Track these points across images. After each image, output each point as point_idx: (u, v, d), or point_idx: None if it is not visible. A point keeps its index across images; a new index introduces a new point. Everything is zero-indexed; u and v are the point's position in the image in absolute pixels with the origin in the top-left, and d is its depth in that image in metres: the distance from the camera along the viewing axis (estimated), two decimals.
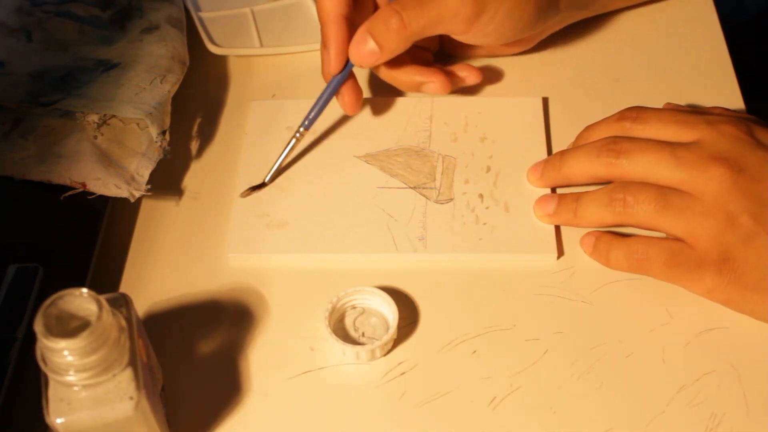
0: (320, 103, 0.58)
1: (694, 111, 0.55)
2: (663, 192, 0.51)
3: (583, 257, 0.55)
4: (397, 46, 0.56)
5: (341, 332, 0.52)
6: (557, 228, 0.56)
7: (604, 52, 0.66)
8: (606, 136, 0.55)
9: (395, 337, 0.51)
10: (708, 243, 0.50)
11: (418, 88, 0.61)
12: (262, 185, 0.58)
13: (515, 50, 0.65)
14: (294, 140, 0.58)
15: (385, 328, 0.51)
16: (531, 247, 0.55)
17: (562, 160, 0.56)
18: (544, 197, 0.56)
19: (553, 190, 0.57)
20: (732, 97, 0.62)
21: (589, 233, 0.55)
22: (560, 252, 0.55)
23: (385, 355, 0.51)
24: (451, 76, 0.61)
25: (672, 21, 0.67)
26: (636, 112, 0.55)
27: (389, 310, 0.51)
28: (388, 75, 0.61)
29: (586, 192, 0.54)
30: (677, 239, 0.51)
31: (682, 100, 0.62)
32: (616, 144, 0.53)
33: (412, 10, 0.55)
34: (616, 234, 0.54)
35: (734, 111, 0.56)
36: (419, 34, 0.56)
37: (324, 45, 0.58)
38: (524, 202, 0.56)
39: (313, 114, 0.58)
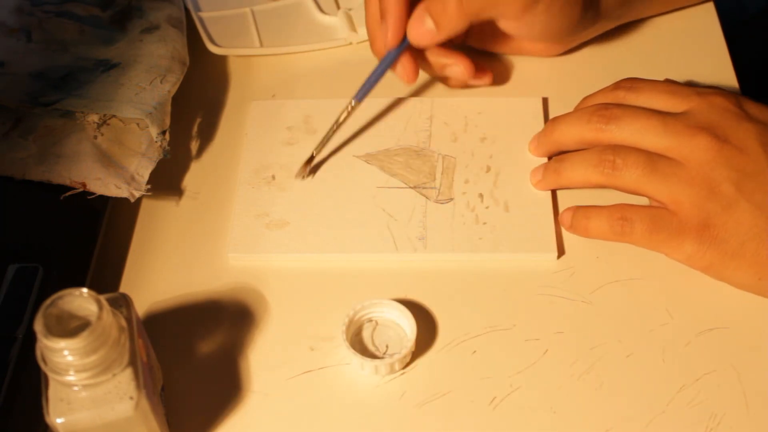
0: (375, 75, 0.58)
1: (688, 84, 0.57)
2: (651, 157, 0.52)
3: (584, 257, 0.55)
4: (455, 26, 0.56)
5: (358, 346, 0.51)
6: (558, 228, 0.56)
7: (604, 52, 0.66)
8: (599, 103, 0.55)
9: (413, 349, 0.50)
10: (690, 210, 0.51)
11: (442, 70, 0.60)
12: (311, 159, 0.58)
13: (546, 52, 0.64)
14: (346, 113, 0.58)
15: (404, 341, 0.50)
16: (531, 246, 0.55)
17: (554, 125, 0.57)
18: (537, 167, 0.57)
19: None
20: None
21: (566, 209, 0.55)
22: (560, 252, 0.55)
23: (403, 368, 0.50)
24: (472, 65, 0.61)
25: (672, 21, 0.67)
26: (630, 82, 0.56)
27: (407, 324, 0.50)
28: (415, 54, 0.60)
29: (573, 152, 0.55)
30: (659, 206, 0.52)
31: None
32: (607, 110, 0.54)
33: None
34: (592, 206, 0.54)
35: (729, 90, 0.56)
36: (476, 14, 0.56)
37: (382, 17, 0.57)
38: (524, 202, 0.56)
39: (367, 86, 0.58)
